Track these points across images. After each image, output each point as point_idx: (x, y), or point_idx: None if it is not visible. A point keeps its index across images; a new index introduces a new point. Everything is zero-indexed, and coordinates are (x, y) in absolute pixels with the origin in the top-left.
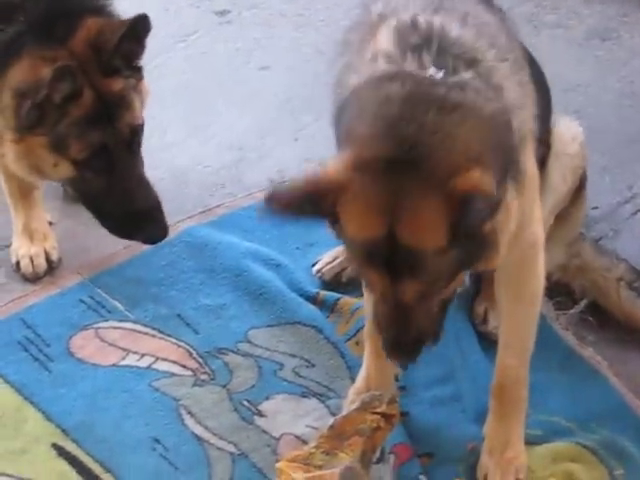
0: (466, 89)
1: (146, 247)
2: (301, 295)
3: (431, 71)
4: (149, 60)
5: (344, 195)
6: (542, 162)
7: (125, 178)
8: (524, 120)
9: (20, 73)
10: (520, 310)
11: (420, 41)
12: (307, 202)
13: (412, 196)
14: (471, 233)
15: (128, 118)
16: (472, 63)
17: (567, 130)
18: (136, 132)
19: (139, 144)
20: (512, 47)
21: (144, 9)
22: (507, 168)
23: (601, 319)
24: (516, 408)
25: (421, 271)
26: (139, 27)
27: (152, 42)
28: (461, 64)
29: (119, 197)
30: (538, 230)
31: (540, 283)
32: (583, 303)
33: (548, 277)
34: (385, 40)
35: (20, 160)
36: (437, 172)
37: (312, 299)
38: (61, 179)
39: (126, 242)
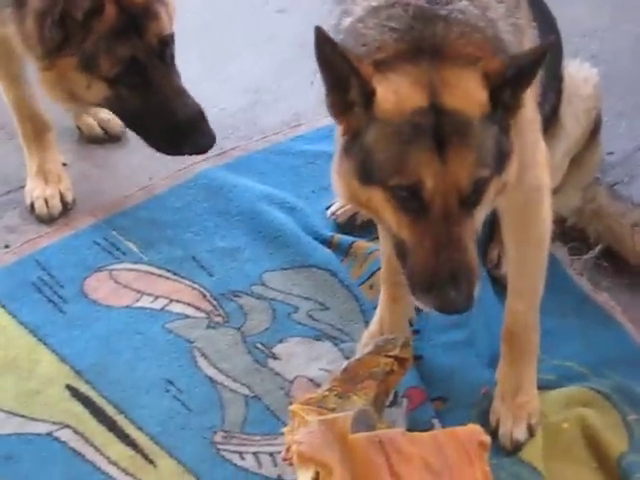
0: (467, 13)
1: (160, 189)
2: (316, 238)
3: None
4: None
5: (378, 73)
6: (554, 109)
7: (161, 90)
8: None
9: None
10: (526, 254)
11: None
12: (345, 67)
13: (449, 71)
14: (512, 100)
15: (155, 28)
16: None
17: (578, 72)
18: (166, 42)
19: (172, 55)
20: None
21: None
22: None
23: (616, 264)
24: (527, 353)
25: (471, 138)
26: None
27: None
28: None
29: (158, 111)
30: (542, 174)
31: (546, 227)
32: (598, 248)
33: (562, 222)
34: None
35: (54, 87)
36: (464, 56)
37: (326, 242)
38: (98, 101)
39: (141, 183)
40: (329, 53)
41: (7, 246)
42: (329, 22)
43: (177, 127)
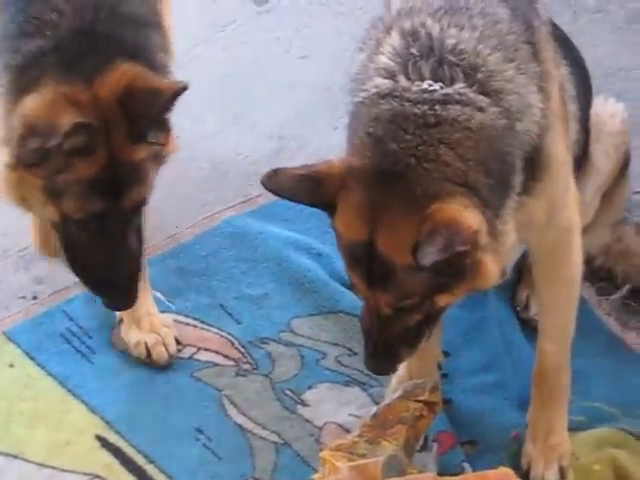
0: (450, 102)
1: (186, 238)
2: (343, 284)
3: (426, 84)
4: (188, 50)
5: (343, 190)
6: (584, 147)
7: (109, 245)
8: (543, 110)
9: (37, 105)
10: (557, 296)
11: (420, 51)
12: (304, 186)
13: (392, 209)
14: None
15: (136, 195)
16: (472, 69)
17: (604, 109)
18: (139, 206)
19: (140, 213)
20: (525, 40)
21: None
22: (505, 178)
23: None
24: (558, 395)
25: (391, 283)
26: (179, 95)
27: (191, 32)
28: (458, 73)
29: (95, 258)
30: (573, 215)
31: (577, 268)
32: (626, 288)
33: (590, 261)
34: (388, 50)
35: (9, 188)
36: (417, 192)
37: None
38: (46, 220)
39: (167, 232)
40: (278, 187)
41: (35, 297)
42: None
43: (101, 280)
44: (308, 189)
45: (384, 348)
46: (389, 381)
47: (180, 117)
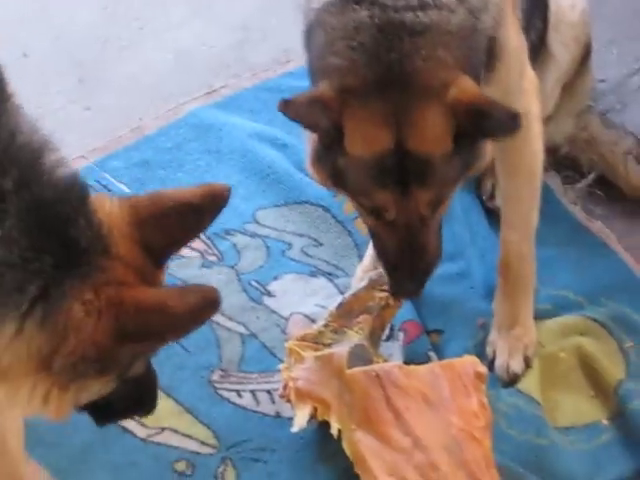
0: (428, 8)
1: (151, 130)
2: (308, 174)
3: None
4: None
5: (347, 112)
6: (541, 37)
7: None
8: (496, 5)
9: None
10: (518, 185)
11: None
12: (316, 108)
13: (414, 108)
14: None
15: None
16: None
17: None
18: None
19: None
20: None
21: None
22: (478, 72)
23: (609, 192)
24: (522, 284)
25: (430, 177)
26: None
27: None
28: None
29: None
30: (530, 102)
31: (537, 156)
32: (591, 177)
33: (556, 150)
34: None
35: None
36: (432, 85)
37: None
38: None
39: (131, 124)
40: (297, 115)
41: None
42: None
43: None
44: (322, 113)
45: (421, 264)
46: (355, 271)
47: (144, 8)
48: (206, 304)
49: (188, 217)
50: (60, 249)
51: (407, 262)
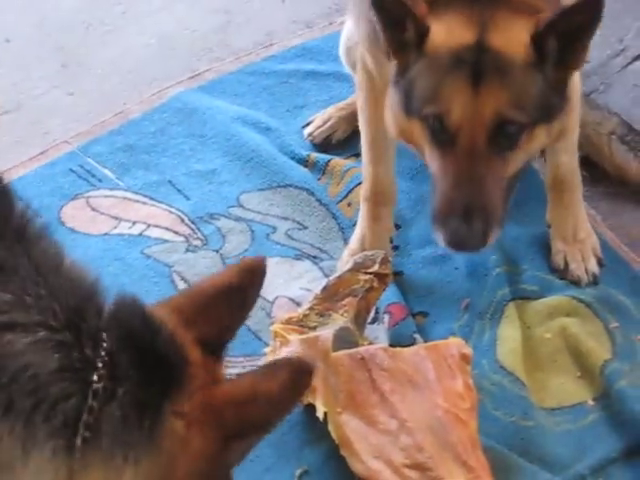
0: None
1: (134, 114)
2: (292, 158)
3: None
4: None
5: (433, 11)
6: None
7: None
8: None
9: None
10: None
11: None
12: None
13: (503, 15)
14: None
15: None
16: None
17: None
18: None
19: None
20: None
21: None
22: None
23: (594, 173)
24: (577, 193)
25: (508, 78)
26: None
27: None
28: None
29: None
30: None
31: (577, 89)
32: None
33: None
34: None
35: None
36: (521, 4)
37: (303, 161)
38: None
39: (115, 109)
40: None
41: None
42: None
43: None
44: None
45: (480, 204)
46: (340, 254)
47: None
48: (300, 376)
49: (232, 300)
50: (158, 372)
51: (463, 201)
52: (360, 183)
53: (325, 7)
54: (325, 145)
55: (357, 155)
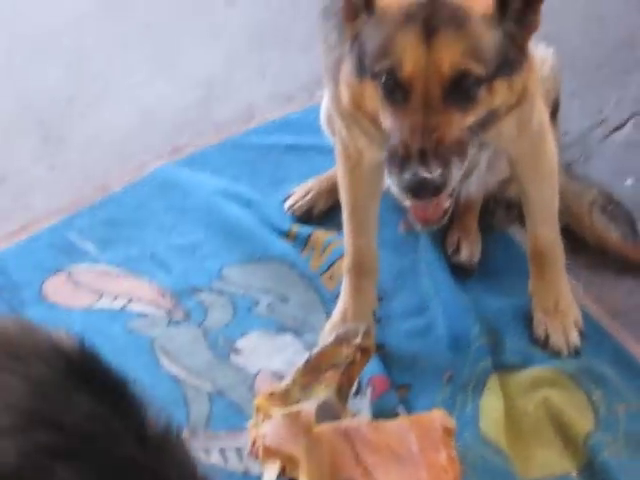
0: None
1: (116, 188)
2: (274, 231)
3: None
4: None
5: None
6: None
7: None
8: None
9: None
10: (543, 186)
11: None
12: None
13: None
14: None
15: None
16: None
17: (535, 54)
18: None
19: None
20: None
21: None
22: None
23: (575, 244)
24: (557, 265)
25: (462, 30)
26: None
27: None
28: None
29: None
30: (542, 117)
31: (554, 160)
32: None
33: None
34: None
35: None
36: None
37: (285, 234)
38: None
39: (97, 183)
40: None
41: None
42: None
43: None
44: None
45: (435, 147)
46: (322, 327)
47: (107, 67)
48: None
49: None
50: None
51: (418, 145)
52: (342, 256)
53: (305, 80)
54: (307, 218)
55: (339, 227)
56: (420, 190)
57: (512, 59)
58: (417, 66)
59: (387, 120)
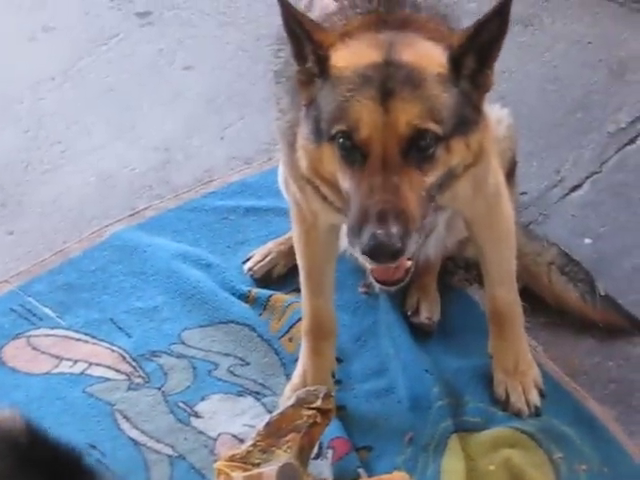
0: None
1: (75, 252)
2: (233, 294)
3: None
4: (73, 64)
5: (341, 40)
6: None
7: None
8: None
9: None
10: (499, 246)
11: None
12: (302, 24)
13: (412, 36)
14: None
15: None
16: None
17: (490, 114)
18: None
19: None
20: None
21: (65, 12)
22: None
23: (534, 303)
24: (516, 326)
25: (420, 90)
26: None
27: (75, 45)
28: None
29: None
30: (498, 179)
31: (510, 221)
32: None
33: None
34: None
35: None
36: (429, 30)
37: (244, 297)
38: None
39: (55, 248)
40: (287, 17)
41: None
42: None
43: None
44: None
45: (395, 209)
46: (282, 390)
47: (66, 131)
48: None
49: None
50: None
51: (377, 207)
52: (302, 318)
53: (263, 143)
54: (266, 280)
55: (298, 290)
56: (380, 253)
57: (468, 118)
58: (374, 127)
59: (345, 183)
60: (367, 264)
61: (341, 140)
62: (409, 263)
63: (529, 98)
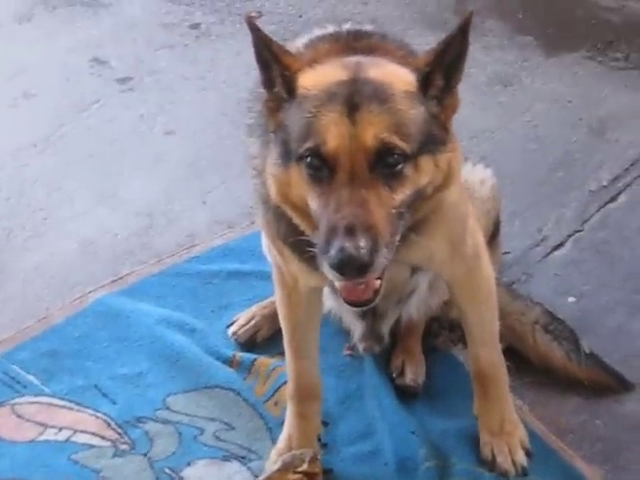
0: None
1: (58, 319)
2: (217, 358)
3: None
4: (54, 130)
5: (308, 66)
6: None
7: None
8: None
9: None
10: (481, 309)
11: None
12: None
13: (377, 58)
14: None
15: None
16: None
17: (473, 174)
18: None
19: None
20: None
21: (45, 79)
22: None
23: (519, 363)
24: (500, 386)
25: (387, 105)
26: None
27: (56, 112)
28: None
29: None
30: (477, 240)
31: (491, 282)
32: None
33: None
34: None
35: None
36: (396, 52)
37: (229, 361)
38: None
39: (38, 315)
40: (257, 41)
41: None
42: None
43: None
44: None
45: (363, 223)
46: (268, 454)
47: (48, 198)
48: None
49: None
50: None
51: (344, 221)
52: (287, 381)
53: (246, 207)
54: (250, 344)
55: (283, 353)
56: (347, 266)
57: (437, 137)
58: (341, 141)
59: (314, 202)
60: (335, 282)
61: (309, 159)
62: (378, 282)
63: (510, 158)
